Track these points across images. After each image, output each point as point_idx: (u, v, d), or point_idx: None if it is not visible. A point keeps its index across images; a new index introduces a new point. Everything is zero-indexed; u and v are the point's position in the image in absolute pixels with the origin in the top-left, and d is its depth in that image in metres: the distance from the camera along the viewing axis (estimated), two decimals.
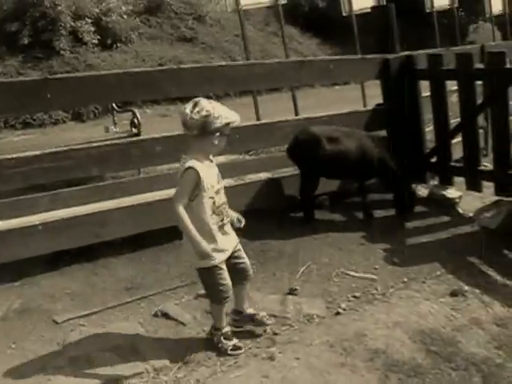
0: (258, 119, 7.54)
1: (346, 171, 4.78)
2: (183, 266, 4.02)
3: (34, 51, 14.31)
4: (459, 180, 5.22)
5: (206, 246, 2.83)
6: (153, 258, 4.30)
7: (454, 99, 5.32)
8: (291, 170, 5.04)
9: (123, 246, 4.35)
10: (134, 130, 6.71)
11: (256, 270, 3.75)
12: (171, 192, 2.92)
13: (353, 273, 3.97)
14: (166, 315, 3.46)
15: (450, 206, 5.05)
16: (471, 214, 4.83)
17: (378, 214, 5.00)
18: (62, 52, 14.34)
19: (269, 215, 4.83)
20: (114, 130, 7.18)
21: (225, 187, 3.04)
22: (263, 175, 4.86)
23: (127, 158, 4.25)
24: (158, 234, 4.36)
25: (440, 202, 5.11)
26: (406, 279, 3.82)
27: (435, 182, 5.48)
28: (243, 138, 4.46)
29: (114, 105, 7.42)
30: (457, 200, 5.08)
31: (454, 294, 3.56)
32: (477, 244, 4.27)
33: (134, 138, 5.40)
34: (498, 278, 3.80)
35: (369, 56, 5.36)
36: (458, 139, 5.14)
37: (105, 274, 4.10)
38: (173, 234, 3.86)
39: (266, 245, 4.48)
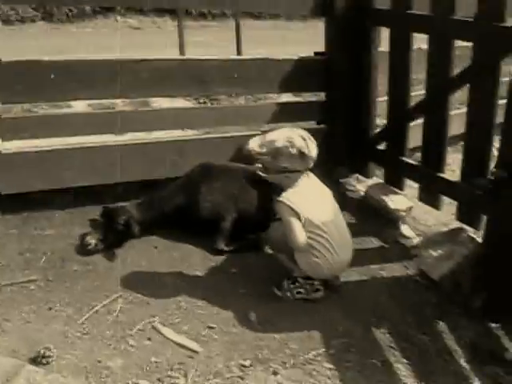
0: None
1: None
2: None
3: None
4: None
5: None
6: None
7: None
8: None
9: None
10: None
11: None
12: None
13: (171, 333, 2.36)
14: None
15: (390, 220, 3.37)
16: (415, 242, 3.17)
17: None
18: None
19: None
20: None
21: None
22: None
23: None
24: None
25: (377, 211, 3.44)
26: (247, 363, 2.21)
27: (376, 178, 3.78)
28: None
29: None
30: (403, 213, 3.39)
31: None
32: (400, 305, 2.64)
33: None
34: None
35: None
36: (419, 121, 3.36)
37: None
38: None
39: None
